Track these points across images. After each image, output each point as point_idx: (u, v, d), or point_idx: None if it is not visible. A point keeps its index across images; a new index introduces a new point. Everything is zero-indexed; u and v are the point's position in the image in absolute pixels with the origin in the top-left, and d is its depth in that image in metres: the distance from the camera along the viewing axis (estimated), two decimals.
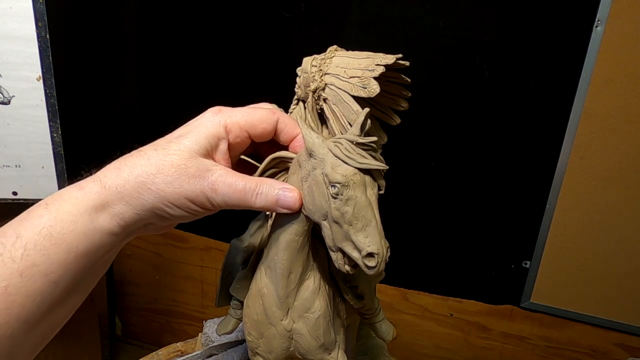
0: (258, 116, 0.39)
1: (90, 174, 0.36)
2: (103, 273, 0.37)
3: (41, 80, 0.90)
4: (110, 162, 0.37)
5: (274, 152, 0.44)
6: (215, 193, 0.36)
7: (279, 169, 0.45)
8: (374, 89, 0.40)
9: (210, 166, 0.36)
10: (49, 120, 0.92)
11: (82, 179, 0.35)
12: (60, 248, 0.31)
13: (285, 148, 0.44)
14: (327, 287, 0.48)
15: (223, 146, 0.38)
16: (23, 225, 0.32)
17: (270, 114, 0.40)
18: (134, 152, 0.36)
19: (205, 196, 0.36)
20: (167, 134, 0.40)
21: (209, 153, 0.37)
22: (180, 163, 0.35)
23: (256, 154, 0.46)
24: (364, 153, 0.38)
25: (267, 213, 0.48)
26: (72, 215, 0.32)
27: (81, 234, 0.32)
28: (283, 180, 0.45)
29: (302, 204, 0.40)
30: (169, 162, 0.35)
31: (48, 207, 0.33)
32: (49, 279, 0.31)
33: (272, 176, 0.45)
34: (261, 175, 0.44)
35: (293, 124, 0.42)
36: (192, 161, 0.36)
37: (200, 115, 0.39)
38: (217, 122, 0.38)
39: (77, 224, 0.32)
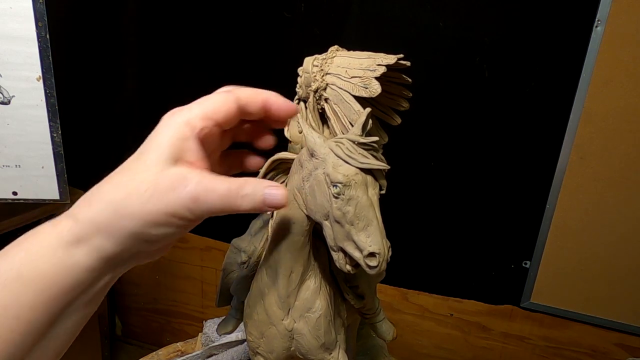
0: (215, 100, 0.36)
1: (66, 209, 0.34)
2: (91, 311, 0.35)
3: (41, 80, 0.90)
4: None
5: (256, 133, 0.41)
6: (196, 202, 0.33)
7: (281, 169, 0.45)
8: (376, 89, 0.40)
9: (185, 174, 0.33)
10: (49, 120, 0.92)
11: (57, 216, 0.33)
12: (30, 289, 0.30)
13: (262, 122, 0.40)
14: (328, 286, 0.48)
15: (192, 145, 0.34)
16: None
17: (227, 95, 0.37)
18: (103, 181, 0.34)
19: (187, 208, 0.33)
20: None
21: (179, 158, 0.34)
22: (150, 179, 0.32)
23: (241, 144, 0.43)
24: (365, 153, 0.38)
25: (268, 212, 0.47)
26: (44, 255, 0.31)
27: (53, 274, 0.31)
28: (284, 182, 0.45)
29: (287, 201, 0.38)
30: (139, 181, 0.32)
31: (20, 245, 0.31)
32: (21, 322, 0.30)
33: (271, 179, 0.45)
34: (263, 178, 0.44)
35: (253, 92, 0.38)
36: (163, 174, 0.33)
37: (159, 123, 0.36)
38: (175, 123, 0.34)
39: (49, 263, 0.30)
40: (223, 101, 0.36)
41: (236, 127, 0.39)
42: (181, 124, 0.34)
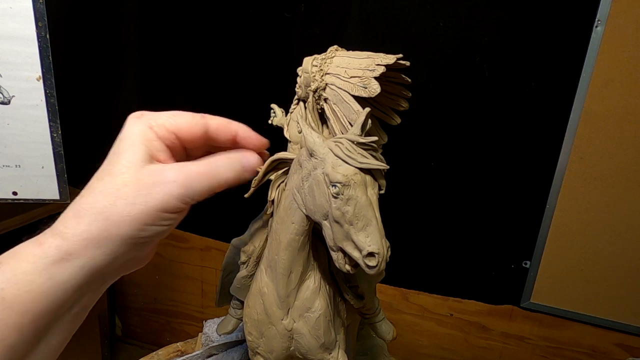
0: (184, 118, 0.37)
1: (48, 227, 0.33)
2: (75, 328, 0.34)
3: (41, 80, 0.89)
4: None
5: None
6: (184, 188, 0.33)
7: (280, 169, 0.45)
8: (375, 88, 0.40)
9: (160, 168, 0.34)
10: (49, 120, 0.92)
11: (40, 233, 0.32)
12: (14, 311, 0.29)
13: (228, 149, 0.41)
14: (327, 286, 0.48)
15: (160, 145, 0.35)
16: None
17: (197, 117, 0.37)
18: (83, 192, 0.33)
19: (174, 197, 0.33)
20: None
21: (152, 156, 0.34)
22: (132, 180, 0.32)
23: None
24: (364, 153, 0.38)
25: (268, 212, 0.47)
26: (29, 274, 0.30)
27: (39, 295, 0.30)
28: (284, 182, 0.45)
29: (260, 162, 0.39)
30: (121, 184, 0.32)
31: (1, 267, 0.30)
32: (5, 345, 0.29)
33: (271, 179, 0.45)
34: (263, 178, 0.44)
35: (227, 122, 0.39)
36: (142, 172, 0.33)
37: (124, 125, 0.36)
38: (142, 125, 0.35)
39: (34, 284, 0.30)
40: (190, 121, 0.37)
41: (205, 154, 0.40)
42: (146, 128, 0.35)
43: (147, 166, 0.33)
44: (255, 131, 0.41)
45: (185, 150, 0.38)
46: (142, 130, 0.35)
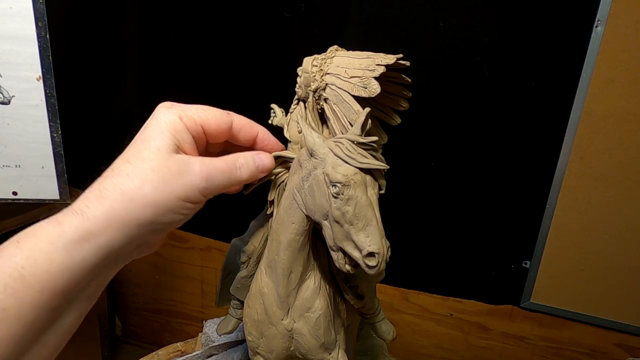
0: (212, 113, 0.39)
1: (66, 206, 0.33)
2: (89, 307, 0.35)
3: (41, 80, 0.89)
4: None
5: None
6: (207, 182, 0.35)
7: (284, 167, 0.45)
8: (375, 88, 0.40)
9: (187, 159, 0.35)
10: (49, 120, 0.92)
11: (58, 212, 0.33)
12: (33, 289, 0.29)
13: (246, 149, 0.43)
14: (327, 286, 0.48)
15: (188, 137, 0.37)
16: None
17: (224, 114, 0.40)
18: (106, 174, 0.34)
19: (197, 189, 0.35)
20: None
21: (179, 147, 0.36)
22: (160, 166, 0.34)
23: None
24: (364, 153, 0.38)
25: (268, 212, 0.48)
26: (48, 253, 0.30)
27: (57, 273, 0.30)
28: (284, 181, 0.45)
29: (274, 163, 0.42)
30: (149, 169, 0.33)
31: (20, 245, 0.30)
32: (22, 322, 0.29)
33: (273, 178, 0.45)
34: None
35: (250, 123, 0.41)
36: (170, 160, 0.34)
37: (153, 114, 0.37)
38: (173, 116, 0.36)
39: (53, 263, 0.30)
40: (217, 116, 0.39)
41: (222, 151, 0.43)
42: (177, 118, 0.36)
43: (175, 155, 0.35)
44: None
45: (207, 144, 0.40)
46: (173, 120, 0.36)
